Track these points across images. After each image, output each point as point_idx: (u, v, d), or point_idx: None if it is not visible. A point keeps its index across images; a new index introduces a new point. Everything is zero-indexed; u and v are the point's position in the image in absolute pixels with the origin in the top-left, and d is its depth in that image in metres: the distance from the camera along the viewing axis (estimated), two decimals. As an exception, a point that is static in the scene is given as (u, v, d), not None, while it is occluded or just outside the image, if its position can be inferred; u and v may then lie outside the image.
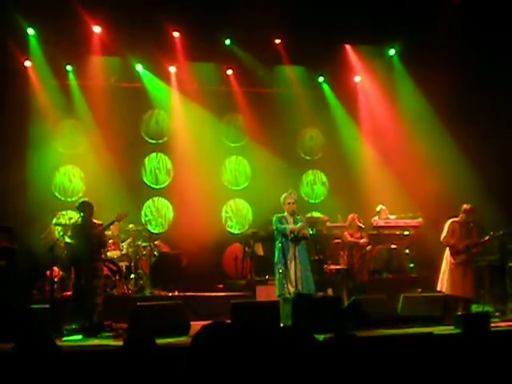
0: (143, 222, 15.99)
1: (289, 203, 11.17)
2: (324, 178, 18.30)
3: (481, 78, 15.78)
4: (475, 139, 15.53)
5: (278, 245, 11.13)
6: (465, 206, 12.01)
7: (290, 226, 11.07)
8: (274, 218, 11.27)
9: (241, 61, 16.35)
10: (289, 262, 10.94)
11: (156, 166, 17.11)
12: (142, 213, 16.41)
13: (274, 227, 11.24)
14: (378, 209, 15.34)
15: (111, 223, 11.53)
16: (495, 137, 15.96)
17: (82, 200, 11.36)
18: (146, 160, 17.04)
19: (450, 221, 12.04)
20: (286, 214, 11.21)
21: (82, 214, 10.88)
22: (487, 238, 12.04)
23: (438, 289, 11.89)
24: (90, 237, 10.73)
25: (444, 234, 11.96)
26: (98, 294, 10.76)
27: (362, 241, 13.29)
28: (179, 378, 3.53)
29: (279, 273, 10.98)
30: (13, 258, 13.07)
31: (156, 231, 16.49)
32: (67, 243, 10.87)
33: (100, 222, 10.99)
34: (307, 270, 11.07)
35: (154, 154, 17.13)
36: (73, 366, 4.33)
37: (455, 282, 11.74)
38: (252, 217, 17.54)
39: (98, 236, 10.85)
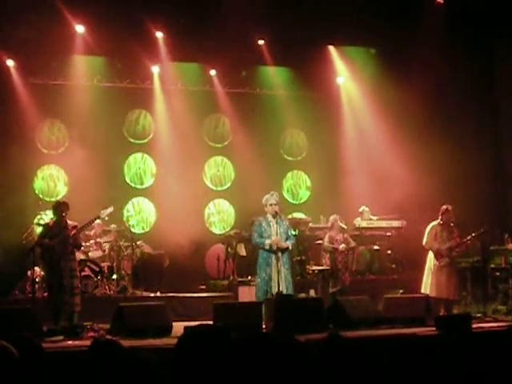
0: (125, 222, 15.93)
1: (271, 204, 11.13)
2: (307, 179, 18.32)
3: (463, 80, 15.91)
4: (456, 141, 15.64)
5: (260, 250, 11.15)
6: (444, 207, 12.07)
7: (267, 241, 11.02)
8: (254, 224, 11.27)
9: (224, 61, 16.32)
10: (272, 265, 10.93)
11: (139, 167, 17.07)
12: (125, 213, 16.34)
13: (253, 237, 11.28)
14: (360, 210, 15.39)
15: (92, 220, 11.53)
16: (475, 138, 16.11)
17: (57, 200, 11.36)
18: (129, 160, 16.99)
19: (431, 225, 12.09)
20: (268, 215, 11.19)
21: (57, 214, 10.87)
22: (469, 237, 12.10)
23: (422, 291, 11.93)
24: (65, 237, 10.72)
25: (426, 238, 12.01)
26: (75, 294, 10.75)
27: (341, 247, 13.20)
28: (163, 379, 3.52)
29: (261, 279, 11.00)
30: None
31: (138, 231, 16.43)
32: (42, 243, 10.83)
33: (75, 224, 10.97)
34: (288, 274, 11.07)
35: (136, 154, 17.09)
36: (54, 367, 4.30)
37: (440, 284, 11.79)
38: (235, 217, 17.53)
39: (73, 238, 10.84)
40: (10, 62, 15.44)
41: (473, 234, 12.11)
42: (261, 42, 16.27)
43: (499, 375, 3.95)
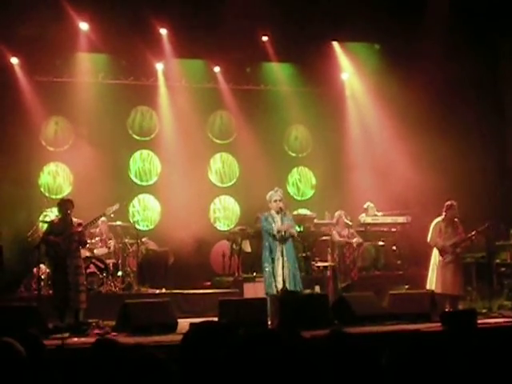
0: (130, 219, 15.95)
1: (275, 201, 11.13)
2: (311, 175, 18.29)
3: (468, 75, 15.88)
4: (461, 136, 15.63)
5: (266, 244, 11.11)
6: (448, 203, 12.05)
7: (277, 226, 11.06)
8: (263, 218, 11.24)
9: (228, 58, 16.32)
10: (276, 260, 10.93)
11: (143, 164, 17.06)
12: (129, 210, 16.35)
13: (262, 227, 11.22)
14: (365, 206, 15.36)
15: (98, 218, 11.57)
16: (480, 133, 16.10)
17: (62, 198, 11.39)
18: (133, 157, 16.99)
19: (435, 221, 12.08)
20: (272, 212, 11.18)
21: (62, 212, 10.89)
22: (473, 232, 12.08)
23: (428, 287, 11.92)
24: (70, 234, 10.73)
25: (430, 235, 11.99)
26: (81, 291, 10.77)
27: (354, 240, 13.27)
28: (170, 376, 3.52)
29: (266, 271, 11.00)
30: (-1, 256, 13.07)
31: (143, 228, 16.44)
32: (47, 240, 10.84)
33: (80, 221, 10.98)
34: (295, 269, 11.09)
35: (141, 151, 17.07)
36: (59, 365, 4.31)
37: (445, 280, 11.78)
38: (239, 214, 17.52)
39: (79, 235, 10.86)
40: (14, 60, 15.44)
41: (478, 230, 12.09)
42: (265, 39, 16.25)
43: (504, 371, 3.94)
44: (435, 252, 12.01)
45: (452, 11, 15.31)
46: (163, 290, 13.78)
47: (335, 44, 16.96)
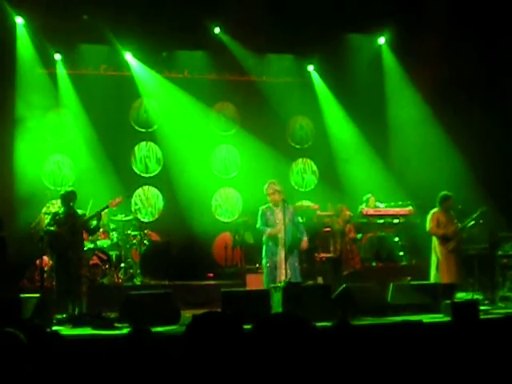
0: (133, 210, 15.95)
1: (269, 194, 11.20)
2: (314, 167, 18.27)
3: (471, 68, 15.86)
4: (463, 128, 15.63)
5: (265, 238, 11.18)
6: (444, 194, 12.07)
7: (269, 230, 11.10)
8: (259, 212, 11.30)
9: (230, 49, 16.31)
10: (278, 253, 10.95)
11: (145, 155, 17.05)
12: (132, 201, 16.36)
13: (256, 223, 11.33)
14: (368, 197, 15.36)
15: (104, 208, 11.60)
16: (483, 125, 16.08)
17: (65, 189, 11.46)
18: (136, 149, 16.97)
19: (432, 212, 12.10)
20: (271, 204, 11.24)
21: (65, 203, 10.91)
22: (469, 220, 12.13)
23: (431, 278, 11.94)
24: (73, 226, 10.75)
25: (430, 225, 11.99)
26: (83, 282, 10.83)
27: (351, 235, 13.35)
28: (172, 367, 3.54)
29: (266, 267, 11.06)
30: (2, 247, 13.06)
31: (146, 220, 16.45)
32: (50, 231, 10.86)
33: (83, 212, 11.01)
34: (295, 261, 11.12)
35: (143, 143, 17.06)
36: (63, 356, 4.33)
37: (447, 270, 11.78)
38: (242, 205, 17.51)
39: (83, 224, 10.89)
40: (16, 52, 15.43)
41: (473, 216, 12.14)
42: (267, 30, 16.19)
43: (505, 361, 3.97)
44: (435, 242, 12.02)
45: (454, 5, 15.29)
46: (166, 282, 13.81)
47: (338, 36, 16.89)
